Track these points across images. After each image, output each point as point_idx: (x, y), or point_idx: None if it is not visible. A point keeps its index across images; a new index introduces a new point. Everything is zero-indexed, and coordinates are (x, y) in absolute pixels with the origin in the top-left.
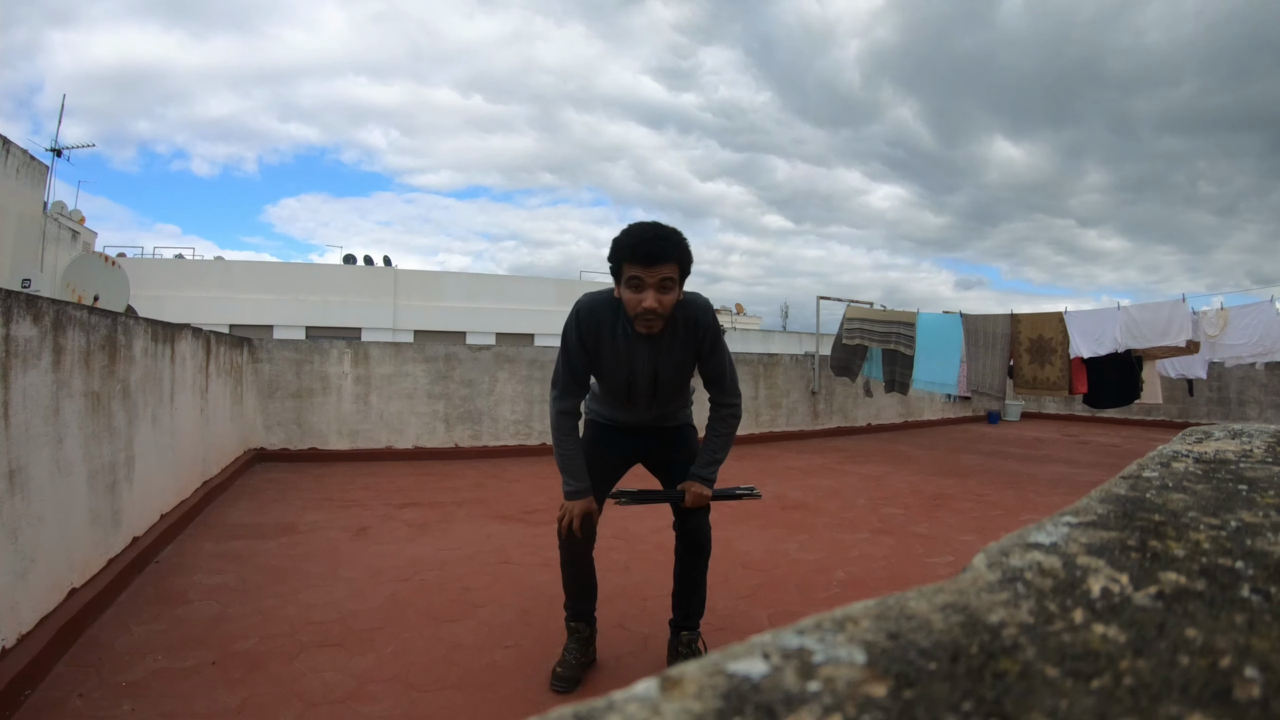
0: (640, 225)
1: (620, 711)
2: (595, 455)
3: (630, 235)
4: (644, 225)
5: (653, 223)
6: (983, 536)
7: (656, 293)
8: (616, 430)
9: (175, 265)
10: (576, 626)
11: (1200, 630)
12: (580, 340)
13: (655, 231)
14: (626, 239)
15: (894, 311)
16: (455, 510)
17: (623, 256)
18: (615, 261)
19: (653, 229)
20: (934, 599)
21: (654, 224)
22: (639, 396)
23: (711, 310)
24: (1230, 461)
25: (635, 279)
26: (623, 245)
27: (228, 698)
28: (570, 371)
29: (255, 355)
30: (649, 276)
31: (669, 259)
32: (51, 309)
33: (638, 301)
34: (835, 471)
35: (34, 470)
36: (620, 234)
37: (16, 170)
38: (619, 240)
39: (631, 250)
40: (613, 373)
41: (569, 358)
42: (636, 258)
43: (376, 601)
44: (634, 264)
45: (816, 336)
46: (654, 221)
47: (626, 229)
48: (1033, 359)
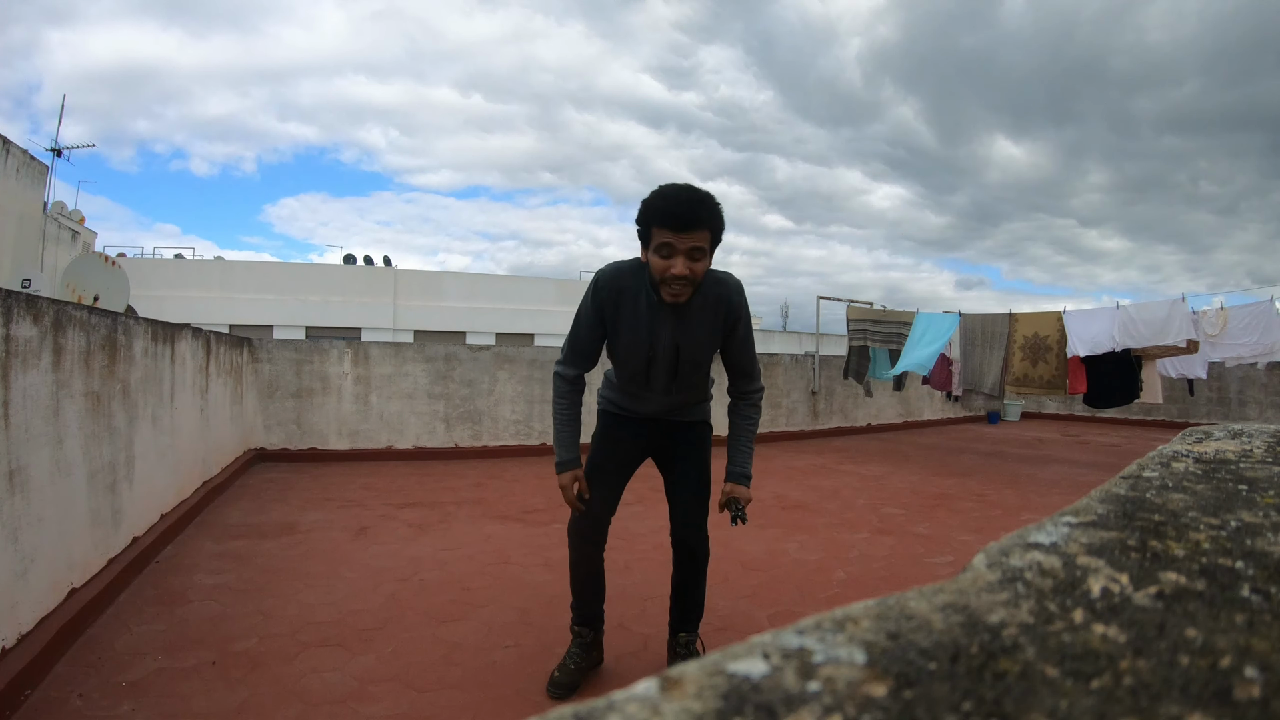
0: (673, 187)
1: (620, 711)
2: (607, 449)
3: (662, 198)
4: (677, 187)
5: (685, 185)
6: (983, 536)
7: (687, 260)
8: (631, 421)
9: (175, 265)
10: (580, 631)
11: (1200, 630)
12: (599, 307)
13: (689, 194)
14: (658, 201)
15: (894, 311)
16: (455, 510)
17: (652, 219)
18: (644, 224)
19: (686, 191)
20: (934, 599)
21: (687, 186)
22: (658, 375)
23: (743, 292)
24: (1230, 461)
25: (666, 245)
26: (653, 208)
27: (228, 698)
28: (577, 339)
29: (255, 355)
30: (680, 243)
31: (702, 225)
32: (51, 309)
33: (666, 267)
34: (835, 471)
35: (34, 470)
36: (651, 195)
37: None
38: (649, 202)
39: (662, 214)
40: (632, 346)
41: (579, 325)
42: (667, 222)
43: (376, 601)
44: (664, 228)
45: (817, 336)
46: (686, 184)
47: (658, 190)
48: (1025, 357)
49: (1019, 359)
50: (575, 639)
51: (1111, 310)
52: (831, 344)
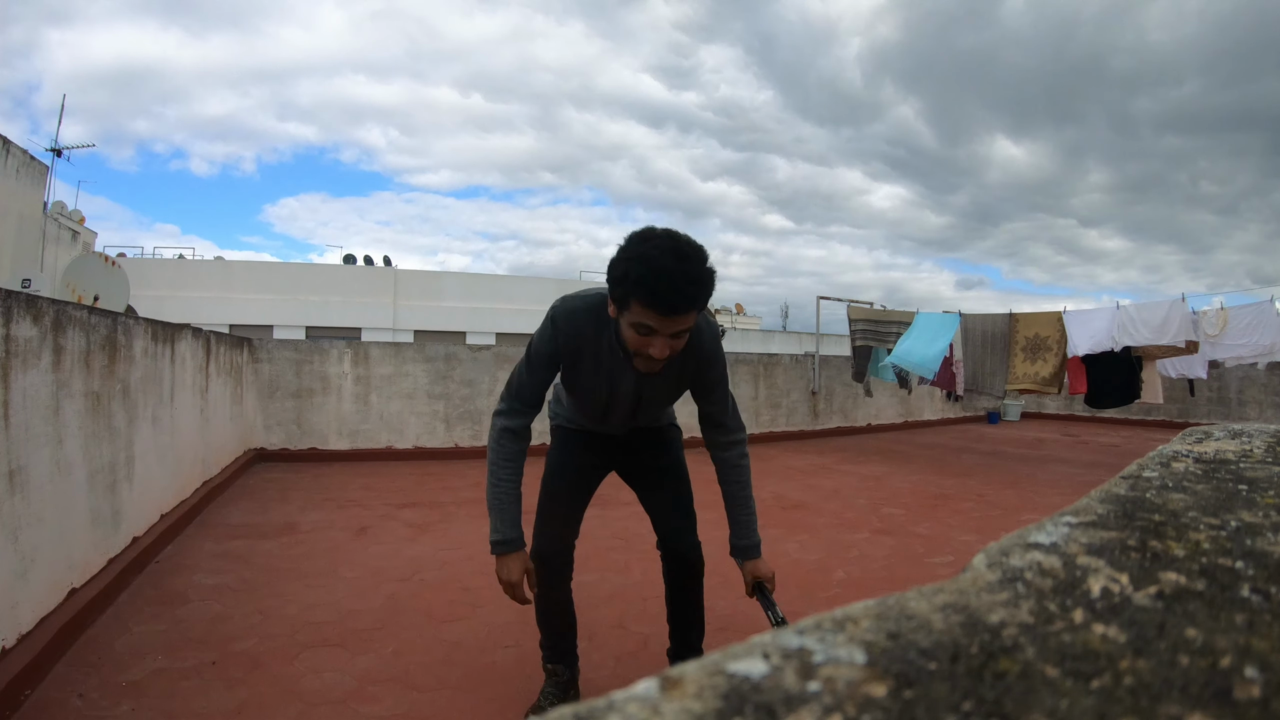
0: (667, 256)
1: (620, 711)
2: (565, 464)
3: (652, 274)
4: (670, 259)
5: (679, 252)
6: (983, 536)
7: (669, 341)
8: (587, 434)
9: (175, 265)
10: (554, 669)
11: (1200, 630)
12: (554, 352)
13: (684, 276)
14: (647, 276)
15: (894, 311)
16: (455, 510)
17: (635, 294)
18: (622, 292)
19: (681, 272)
20: (934, 599)
21: (682, 257)
22: (615, 415)
23: (719, 337)
24: (1230, 461)
25: (647, 326)
26: (639, 283)
27: (228, 698)
28: (530, 385)
29: (255, 355)
30: (664, 328)
31: (696, 309)
32: (51, 309)
33: (643, 345)
34: (835, 471)
35: (34, 470)
36: (635, 257)
37: (16, 170)
38: (633, 271)
39: (651, 294)
40: (589, 391)
41: (532, 367)
42: (655, 305)
43: (376, 601)
44: (650, 310)
45: (817, 336)
46: (678, 247)
47: (645, 255)
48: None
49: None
50: (550, 678)
51: (1111, 310)
52: (831, 344)
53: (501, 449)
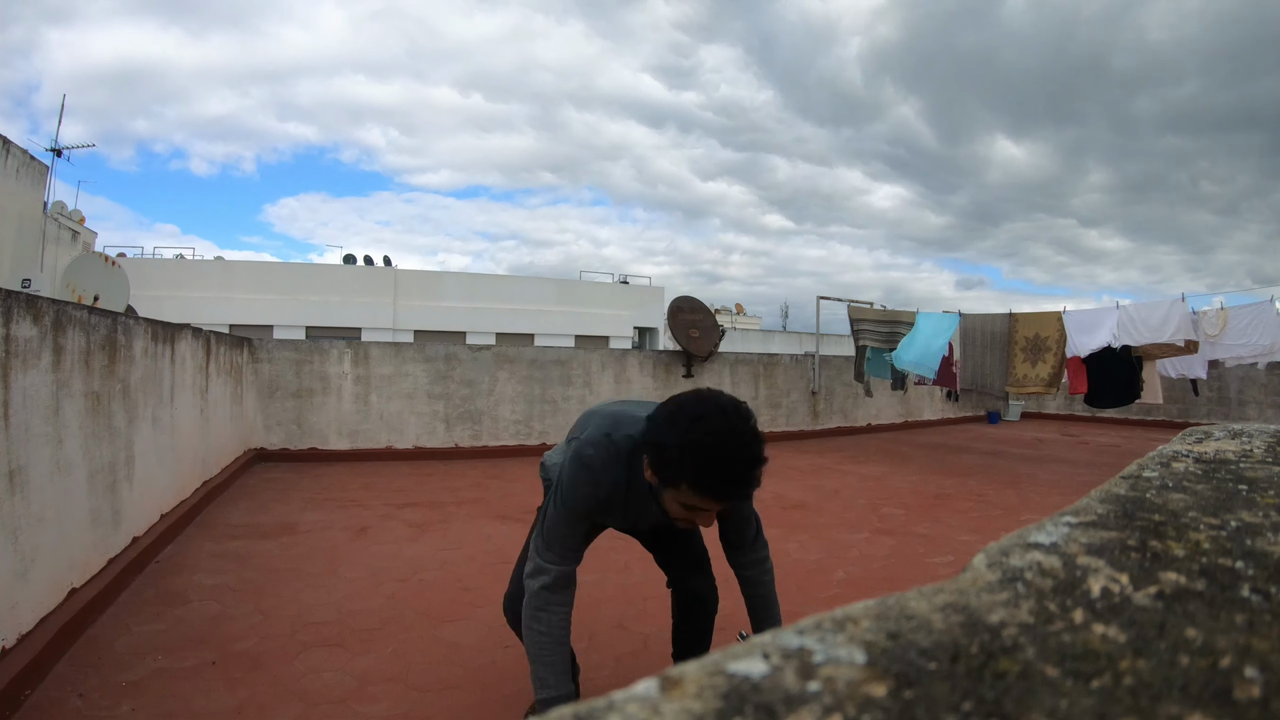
0: (725, 448)
1: (620, 711)
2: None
3: (712, 467)
4: (731, 448)
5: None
6: (983, 536)
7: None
8: None
9: (175, 265)
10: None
11: (1200, 630)
12: (592, 497)
13: (745, 465)
14: (706, 471)
15: (894, 311)
16: (455, 510)
17: (688, 480)
18: (673, 474)
19: (742, 464)
20: (934, 599)
21: (742, 446)
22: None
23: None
24: (1230, 461)
25: (697, 508)
26: (698, 476)
27: (228, 698)
28: (573, 538)
29: (255, 355)
30: (716, 508)
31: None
32: (51, 309)
33: (687, 518)
34: (835, 471)
35: (34, 470)
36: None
37: (16, 170)
38: (691, 463)
39: (709, 489)
40: (618, 524)
41: (573, 520)
42: (711, 494)
43: (376, 601)
44: (705, 497)
45: (817, 336)
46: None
47: (702, 446)
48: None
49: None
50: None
51: (1111, 310)
52: (831, 344)
53: (545, 606)
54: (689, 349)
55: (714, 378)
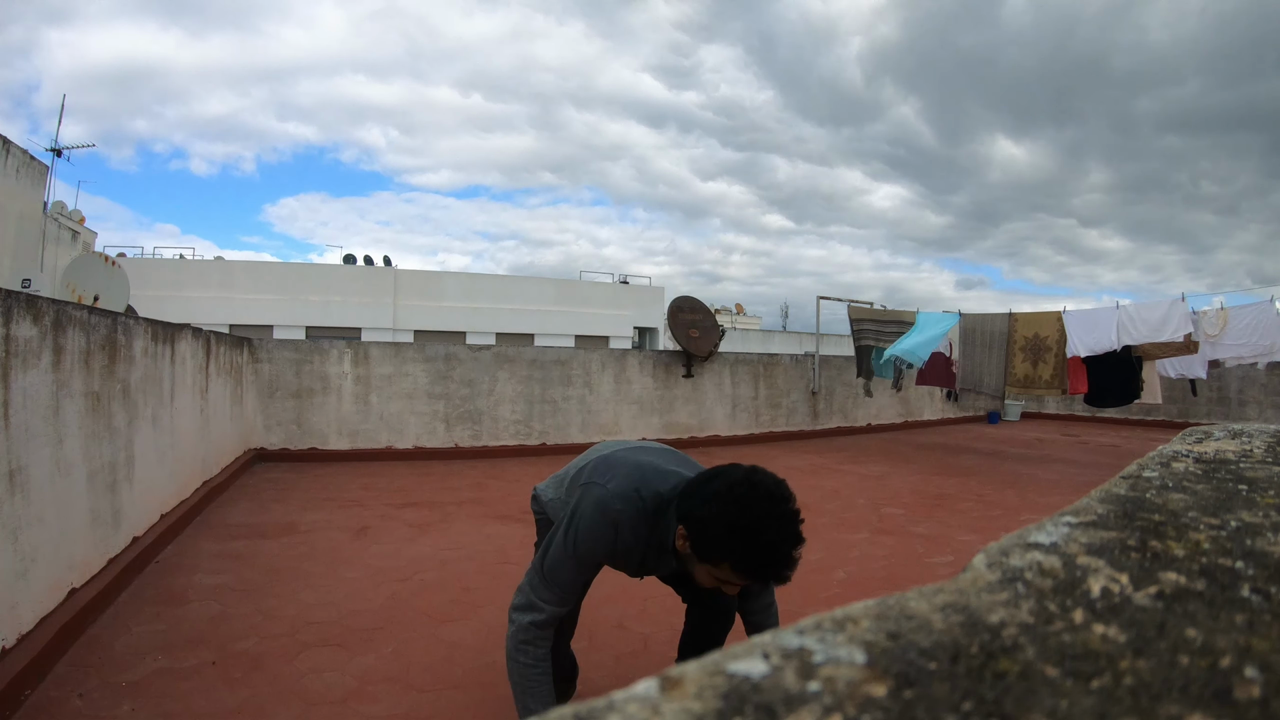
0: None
1: (620, 711)
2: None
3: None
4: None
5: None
6: (983, 536)
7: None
8: None
9: (175, 265)
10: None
11: (1200, 630)
12: (609, 555)
13: (789, 554)
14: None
15: (894, 311)
16: (455, 510)
17: (732, 561)
18: (711, 553)
19: (788, 550)
20: (934, 599)
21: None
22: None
23: None
24: (1230, 461)
25: (731, 583)
26: (742, 561)
27: (228, 698)
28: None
29: (255, 355)
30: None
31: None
32: (51, 309)
33: (714, 585)
34: (835, 471)
35: (34, 470)
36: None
37: (16, 170)
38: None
39: (753, 574)
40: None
41: (583, 567)
42: (753, 575)
43: (376, 601)
44: (744, 577)
45: (817, 336)
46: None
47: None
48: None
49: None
50: None
51: (1111, 310)
52: (831, 344)
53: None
54: (689, 349)
55: (714, 378)
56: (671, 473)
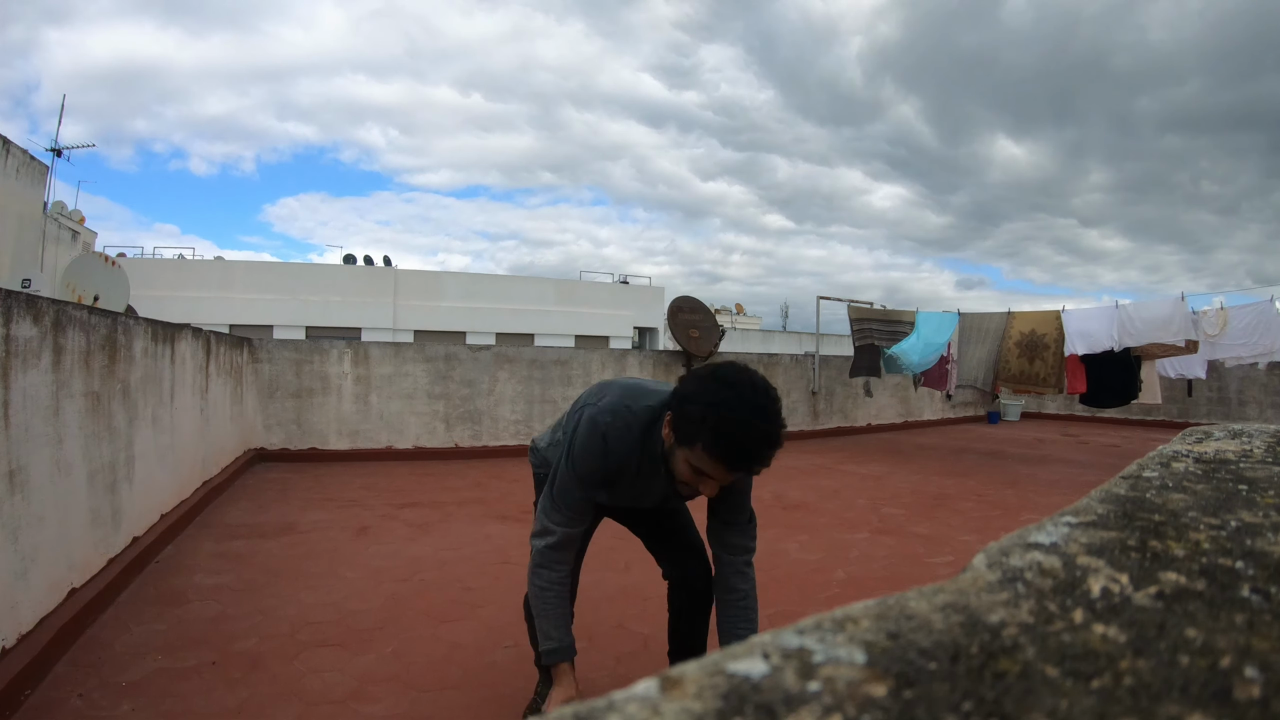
0: (745, 409)
1: (620, 711)
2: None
3: (732, 433)
4: (750, 412)
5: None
6: (983, 536)
7: (720, 484)
8: None
9: (175, 265)
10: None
11: (1200, 630)
12: (603, 468)
13: (765, 441)
14: (725, 435)
15: (894, 311)
16: (455, 510)
17: (707, 446)
18: (691, 436)
19: (762, 436)
20: (934, 599)
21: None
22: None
23: None
24: (1230, 461)
25: (707, 474)
26: (716, 439)
27: (228, 698)
28: (582, 501)
29: (255, 355)
30: (724, 478)
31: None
32: (51, 309)
33: (694, 482)
34: (835, 471)
35: (34, 470)
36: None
37: (16, 170)
38: (713, 424)
39: (725, 454)
40: (621, 498)
41: (583, 481)
42: (728, 462)
43: (376, 601)
44: (717, 461)
45: (816, 336)
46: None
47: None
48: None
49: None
50: (547, 677)
51: (1110, 309)
52: (831, 344)
53: (548, 564)
54: (689, 349)
55: None
56: (665, 391)
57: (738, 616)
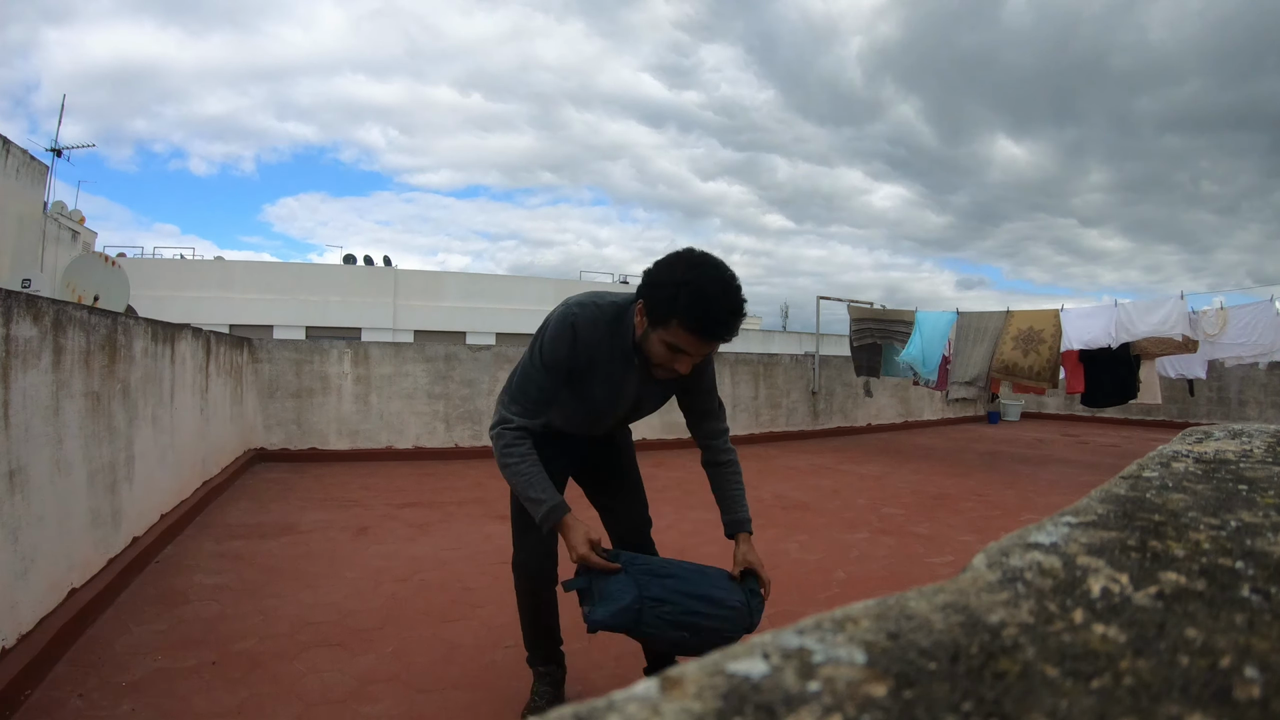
0: (714, 285)
1: (620, 711)
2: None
3: (701, 299)
4: (718, 288)
5: (725, 283)
6: (983, 536)
7: (693, 361)
8: (555, 439)
9: (175, 265)
10: (547, 670)
11: (1200, 630)
12: (571, 358)
13: (731, 311)
14: (696, 307)
15: (894, 310)
16: (455, 510)
17: (680, 318)
18: (665, 312)
19: (727, 301)
20: (934, 599)
21: (728, 287)
22: (604, 422)
23: None
24: (1230, 461)
25: (680, 348)
26: (688, 312)
27: (228, 698)
28: (543, 389)
29: (255, 355)
30: (698, 352)
31: (733, 336)
32: (51, 309)
33: (669, 360)
34: (835, 471)
35: (34, 470)
36: (682, 280)
37: (16, 170)
38: (681, 295)
39: (697, 322)
40: (589, 399)
41: (548, 370)
42: (699, 332)
43: (376, 601)
44: (691, 335)
45: (817, 336)
46: (725, 277)
47: (693, 280)
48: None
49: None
50: (542, 679)
51: (1109, 307)
52: (831, 344)
53: (510, 443)
54: None
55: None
56: (628, 294)
57: (730, 479)
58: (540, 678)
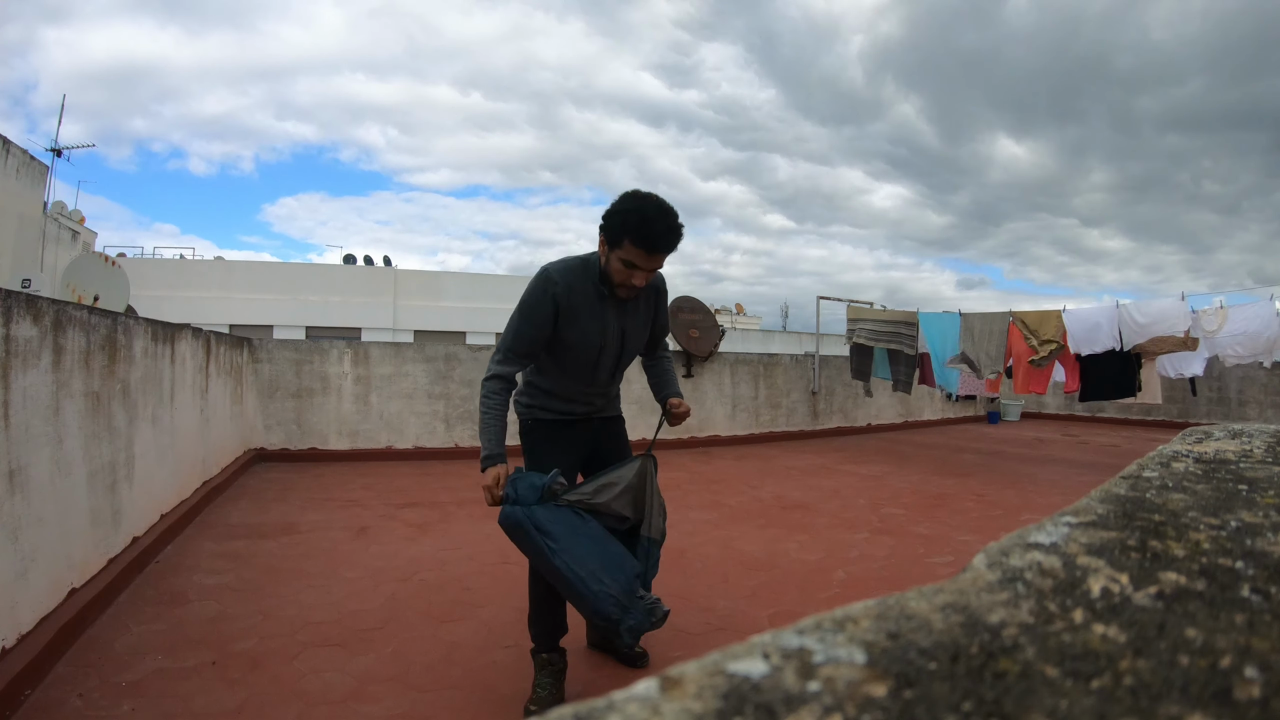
0: (654, 208)
1: (620, 711)
2: (553, 456)
3: (644, 220)
4: (656, 211)
5: (662, 208)
6: (983, 536)
7: (646, 274)
8: (567, 424)
9: (175, 265)
10: (550, 659)
11: (1200, 630)
12: (554, 306)
13: (668, 223)
14: (639, 222)
15: (894, 311)
16: (455, 510)
17: (629, 236)
18: (616, 234)
19: (663, 220)
20: (934, 599)
21: (665, 211)
22: (605, 365)
23: (664, 279)
24: (1230, 461)
25: (632, 263)
26: (633, 227)
27: (228, 698)
28: (523, 337)
29: (255, 355)
30: (647, 264)
31: (671, 251)
32: (51, 309)
33: (628, 277)
34: (835, 471)
35: (34, 470)
36: (631, 208)
37: (16, 170)
38: (629, 218)
39: (641, 236)
40: (584, 340)
41: (528, 322)
42: (644, 244)
43: (376, 601)
44: (639, 249)
45: (817, 336)
46: (662, 205)
47: (639, 207)
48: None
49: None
50: (543, 667)
51: (1111, 308)
52: (831, 344)
53: (492, 390)
54: (689, 349)
55: (714, 377)
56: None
57: (665, 370)
58: (542, 668)
